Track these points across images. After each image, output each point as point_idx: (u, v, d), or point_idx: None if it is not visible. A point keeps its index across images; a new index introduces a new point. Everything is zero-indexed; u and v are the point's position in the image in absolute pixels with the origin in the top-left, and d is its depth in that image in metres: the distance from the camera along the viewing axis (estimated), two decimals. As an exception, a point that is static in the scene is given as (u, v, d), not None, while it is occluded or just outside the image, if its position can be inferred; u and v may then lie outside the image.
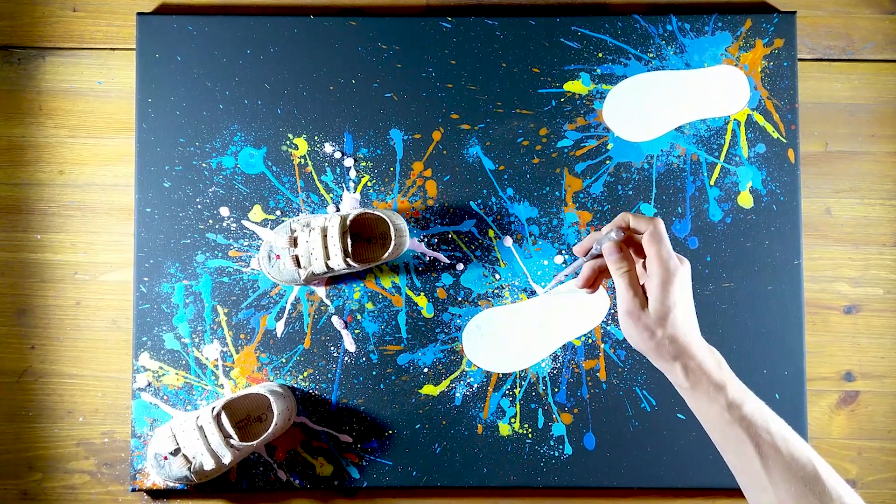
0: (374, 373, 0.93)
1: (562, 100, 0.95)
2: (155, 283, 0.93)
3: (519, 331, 0.93)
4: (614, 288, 0.62)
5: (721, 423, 0.56)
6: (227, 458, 0.84)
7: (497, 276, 0.94)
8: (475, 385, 0.93)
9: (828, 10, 0.99)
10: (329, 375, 0.93)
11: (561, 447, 0.93)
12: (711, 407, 0.57)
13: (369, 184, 0.95)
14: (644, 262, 0.62)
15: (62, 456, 0.95)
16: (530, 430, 0.93)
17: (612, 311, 0.94)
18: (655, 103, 0.95)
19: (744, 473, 0.56)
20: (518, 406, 0.93)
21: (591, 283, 0.65)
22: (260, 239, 0.94)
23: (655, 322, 0.58)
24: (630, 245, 0.62)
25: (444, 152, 0.95)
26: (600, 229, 0.64)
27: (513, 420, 0.93)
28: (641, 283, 0.61)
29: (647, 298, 0.59)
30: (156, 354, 0.92)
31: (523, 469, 0.92)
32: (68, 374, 0.96)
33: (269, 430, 0.85)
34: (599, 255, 0.64)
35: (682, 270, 0.59)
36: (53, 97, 0.97)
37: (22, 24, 0.98)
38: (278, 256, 0.88)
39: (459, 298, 0.94)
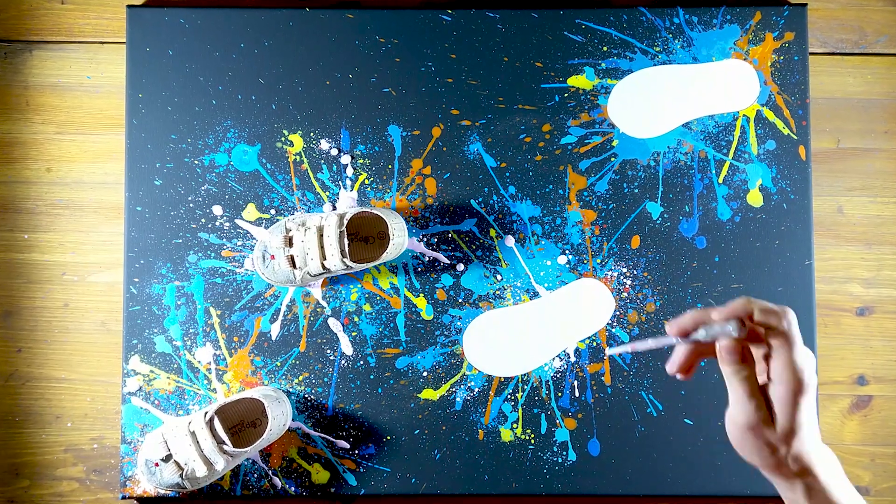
0: (371, 376, 0.93)
1: (565, 95, 0.95)
2: (146, 285, 0.92)
3: (521, 333, 0.93)
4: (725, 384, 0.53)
5: None
6: (220, 465, 0.84)
7: (498, 277, 0.94)
8: (476, 389, 0.93)
9: (840, 2, 0.99)
10: (325, 379, 0.93)
11: (564, 453, 0.92)
12: None
13: (367, 182, 0.94)
14: (762, 357, 0.53)
15: (50, 462, 0.95)
16: (533, 435, 0.93)
17: (617, 313, 0.94)
18: (662, 99, 0.95)
19: None
20: (520, 411, 0.93)
21: (687, 369, 0.56)
22: (254, 238, 0.93)
23: (781, 439, 0.51)
24: (748, 345, 0.53)
25: (444, 149, 0.95)
26: (706, 311, 0.53)
27: (515, 425, 0.93)
28: (761, 385, 0.52)
29: (769, 409, 0.51)
30: (146, 358, 0.92)
31: (526, 476, 0.92)
32: (56, 378, 0.95)
33: (264, 436, 0.85)
34: (701, 343, 0.53)
35: (814, 377, 0.51)
36: (41, 92, 0.97)
37: (8, 16, 0.97)
38: (273, 257, 0.88)
39: (460, 300, 0.93)
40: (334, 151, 0.94)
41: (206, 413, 0.85)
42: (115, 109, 0.97)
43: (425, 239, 0.94)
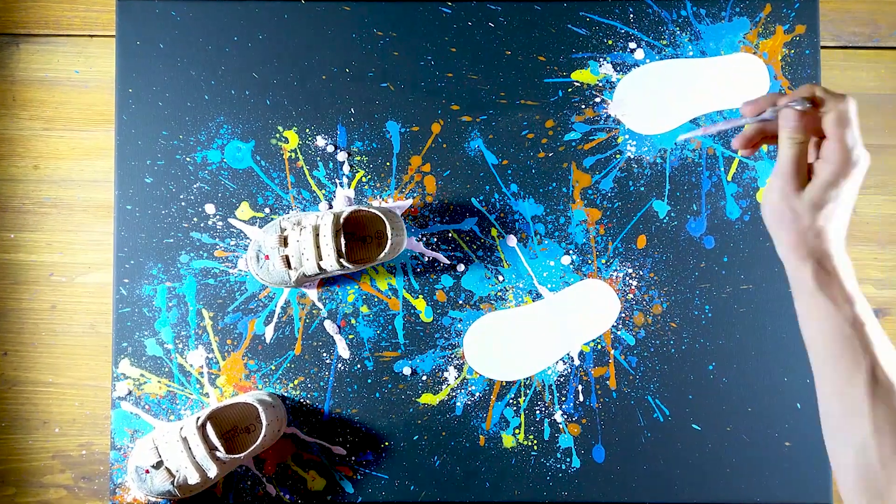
0: (369, 381, 0.93)
1: (569, 90, 0.95)
2: (136, 286, 0.92)
3: (523, 336, 0.93)
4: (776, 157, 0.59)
5: (837, 334, 0.54)
6: (212, 472, 0.84)
7: (500, 278, 0.94)
8: (477, 394, 0.93)
9: (852, -6, 0.99)
10: (321, 383, 0.93)
11: (568, 460, 0.92)
12: (834, 318, 0.55)
13: (364, 179, 0.94)
14: (818, 142, 0.58)
15: (37, 469, 0.95)
16: (536, 441, 0.92)
17: (623, 315, 0.93)
18: (669, 94, 0.95)
19: (840, 393, 0.54)
20: (522, 416, 0.93)
21: (752, 145, 0.63)
22: (248, 238, 0.93)
23: (809, 208, 0.56)
24: (809, 121, 0.58)
25: (444, 146, 0.95)
26: (777, 94, 0.61)
27: (517, 431, 0.93)
28: (808, 163, 0.58)
29: (808, 180, 0.57)
30: (137, 361, 0.92)
31: (528, 483, 0.92)
32: (44, 382, 0.95)
33: (258, 442, 0.85)
34: (768, 121, 0.61)
35: (863, 165, 0.56)
36: (28, 87, 0.97)
37: (-6, 9, 0.97)
38: (267, 257, 0.88)
39: (460, 301, 0.93)
40: (330, 148, 0.94)
41: (198, 418, 0.85)
42: (105, 105, 0.97)
43: (424, 238, 0.94)
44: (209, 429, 0.84)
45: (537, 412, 0.93)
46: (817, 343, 0.56)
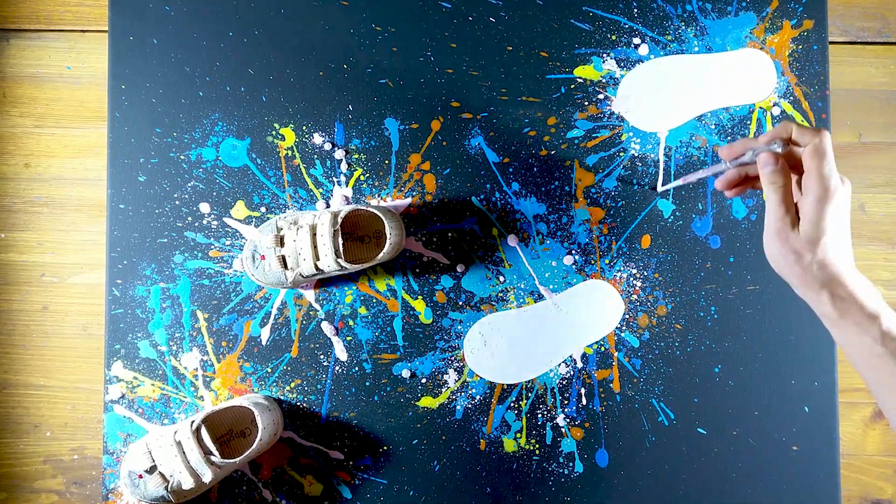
0: (367, 383, 0.92)
1: (572, 86, 0.94)
2: (129, 286, 0.92)
3: (525, 338, 0.93)
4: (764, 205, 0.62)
5: (872, 356, 0.56)
6: (207, 477, 0.83)
7: (501, 279, 0.93)
8: (477, 397, 0.92)
9: (861, -12, 0.98)
10: (318, 386, 0.92)
11: (571, 464, 0.92)
12: (862, 339, 0.56)
13: (362, 178, 0.94)
14: (799, 180, 0.61)
15: (28, 474, 0.94)
16: (537, 445, 0.92)
17: (627, 317, 0.93)
18: (674, 90, 0.94)
19: None
20: (524, 420, 0.92)
21: (733, 186, 0.67)
22: (243, 238, 0.93)
23: (805, 245, 0.58)
24: (787, 159, 0.61)
25: (444, 143, 0.94)
26: (753, 138, 0.65)
27: (518, 435, 0.92)
28: (795, 202, 0.60)
29: (798, 219, 0.59)
30: (130, 363, 0.92)
31: (530, 488, 0.92)
32: (35, 385, 0.95)
33: (254, 446, 0.84)
34: (748, 164, 0.64)
35: (843, 191, 0.58)
36: (19, 83, 0.97)
37: (-16, 3, 0.97)
38: (263, 257, 0.87)
39: (460, 302, 0.93)
40: (328, 146, 0.94)
41: (192, 422, 0.85)
42: (97, 101, 0.96)
43: (424, 238, 0.93)
44: (204, 433, 0.84)
45: (539, 416, 0.92)
46: (859, 367, 0.58)
